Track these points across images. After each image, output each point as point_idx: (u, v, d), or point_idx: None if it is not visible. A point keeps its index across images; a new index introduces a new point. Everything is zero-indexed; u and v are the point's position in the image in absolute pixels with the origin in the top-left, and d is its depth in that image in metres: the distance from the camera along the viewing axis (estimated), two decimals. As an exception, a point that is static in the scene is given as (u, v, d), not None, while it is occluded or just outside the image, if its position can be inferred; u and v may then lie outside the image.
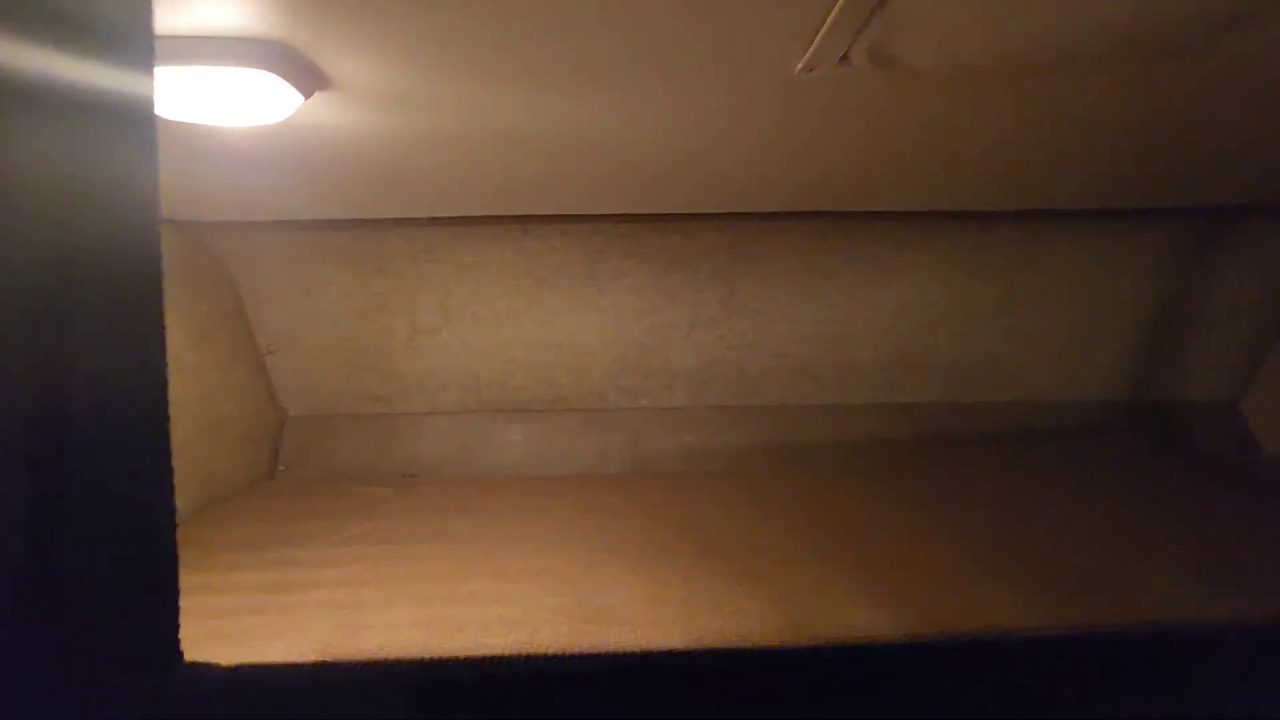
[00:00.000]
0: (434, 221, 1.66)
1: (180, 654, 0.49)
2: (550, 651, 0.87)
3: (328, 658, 0.86)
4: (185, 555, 1.25)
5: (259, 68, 0.72)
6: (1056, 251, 1.81)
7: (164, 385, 0.43)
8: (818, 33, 0.73)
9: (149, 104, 0.42)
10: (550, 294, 1.81)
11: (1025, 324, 1.90)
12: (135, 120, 0.41)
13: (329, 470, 1.89)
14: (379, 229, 1.67)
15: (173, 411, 1.64)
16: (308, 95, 0.81)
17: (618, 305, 1.83)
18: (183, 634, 0.92)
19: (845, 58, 0.78)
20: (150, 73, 0.41)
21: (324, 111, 0.89)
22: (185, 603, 1.04)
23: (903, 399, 2.00)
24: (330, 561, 1.20)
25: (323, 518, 1.47)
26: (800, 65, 0.80)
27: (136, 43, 0.41)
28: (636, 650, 0.87)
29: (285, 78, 0.75)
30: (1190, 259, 1.84)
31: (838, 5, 0.68)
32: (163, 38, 0.70)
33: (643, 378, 1.94)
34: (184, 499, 1.50)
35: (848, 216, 1.70)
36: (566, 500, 1.59)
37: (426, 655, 0.87)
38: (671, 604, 0.99)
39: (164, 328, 0.43)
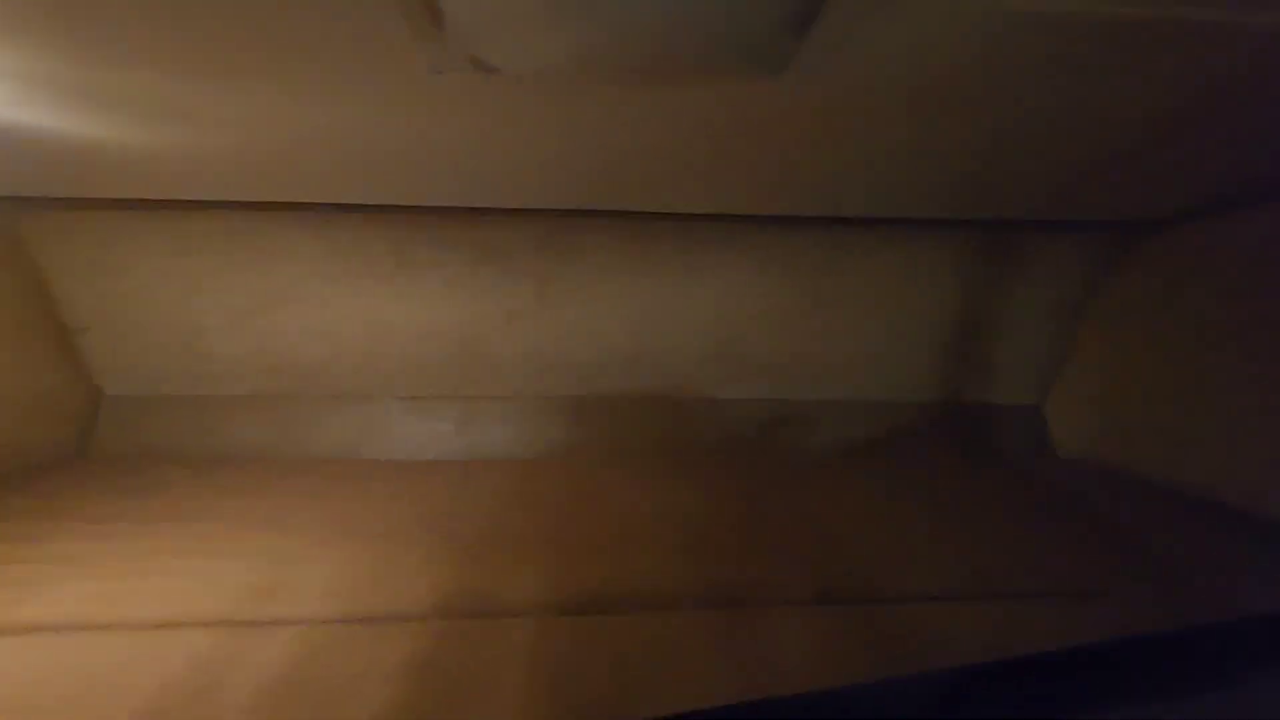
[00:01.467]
0: (234, 206, 1.67)
1: None
2: (208, 619, 0.90)
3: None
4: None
5: None
6: (860, 257, 1.89)
7: None
8: (410, 38, 0.77)
9: None
10: (365, 282, 1.83)
11: (835, 326, 1.99)
12: None
13: (146, 450, 1.89)
14: (179, 209, 1.67)
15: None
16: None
17: (431, 294, 1.86)
18: None
19: (453, 61, 0.82)
20: None
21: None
22: None
23: (721, 395, 2.07)
24: (50, 537, 1.21)
25: (89, 498, 1.47)
26: (426, 67, 0.84)
27: None
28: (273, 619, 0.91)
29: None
30: (985, 268, 1.94)
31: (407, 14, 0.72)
32: None
33: (466, 367, 1.98)
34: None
35: (652, 217, 1.76)
36: (354, 486, 1.62)
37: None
38: (351, 580, 1.03)
39: None
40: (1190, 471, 1.58)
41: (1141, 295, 1.84)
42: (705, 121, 0.98)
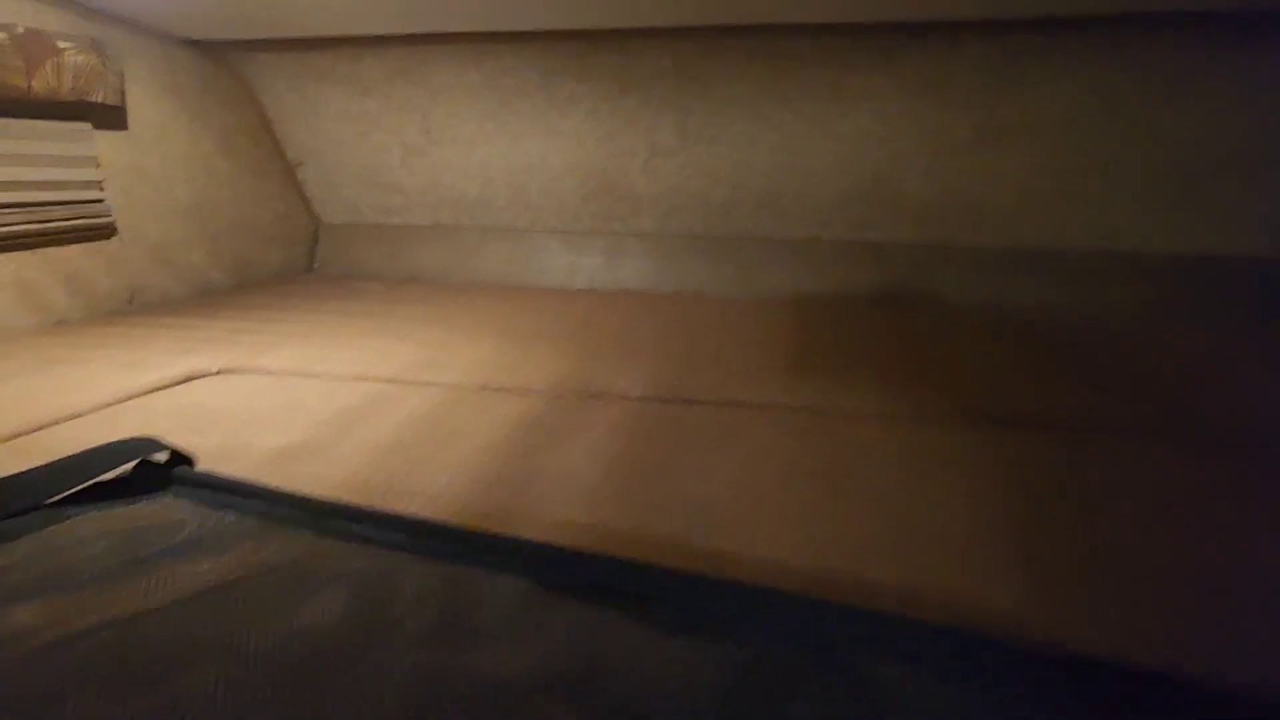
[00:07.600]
0: (404, 42, 1.81)
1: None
2: (382, 378, 1.14)
3: (227, 366, 1.19)
4: (202, 306, 1.65)
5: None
6: (1043, 73, 1.61)
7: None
8: None
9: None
10: (513, 117, 1.94)
11: (1006, 160, 1.75)
12: None
13: (352, 269, 2.27)
14: (356, 49, 1.85)
15: (206, 206, 2.13)
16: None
17: (577, 129, 1.92)
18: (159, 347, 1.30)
19: None
20: None
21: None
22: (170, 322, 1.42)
23: (871, 236, 1.96)
24: (282, 320, 1.54)
25: (311, 298, 1.83)
26: None
27: None
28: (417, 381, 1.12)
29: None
30: (1222, 82, 1.56)
31: None
32: None
33: (610, 202, 2.06)
34: (221, 274, 1.93)
35: (791, 34, 1.62)
36: (508, 302, 1.83)
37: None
38: (491, 363, 1.22)
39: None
40: None
41: None
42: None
